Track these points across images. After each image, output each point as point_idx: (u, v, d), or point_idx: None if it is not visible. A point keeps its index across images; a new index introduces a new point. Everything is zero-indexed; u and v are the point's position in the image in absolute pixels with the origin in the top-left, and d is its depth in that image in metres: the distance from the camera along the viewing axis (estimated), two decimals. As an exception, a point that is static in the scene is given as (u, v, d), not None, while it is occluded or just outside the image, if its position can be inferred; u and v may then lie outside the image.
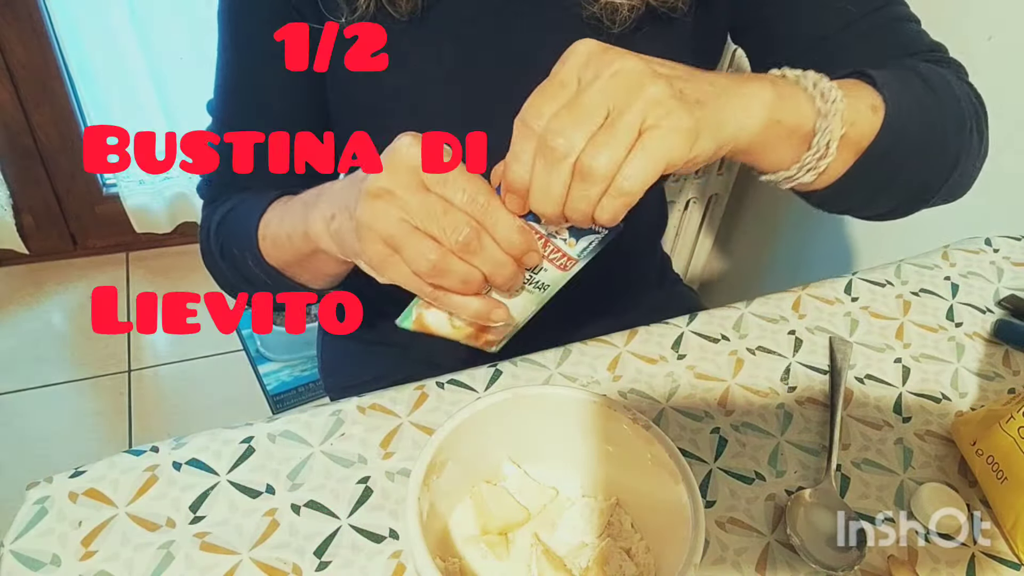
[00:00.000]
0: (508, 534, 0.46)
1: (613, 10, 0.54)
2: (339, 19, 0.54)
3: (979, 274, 0.72)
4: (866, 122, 0.45)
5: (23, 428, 1.44)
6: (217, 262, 0.61)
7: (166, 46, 1.55)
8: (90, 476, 0.48)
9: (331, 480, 0.49)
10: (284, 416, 0.53)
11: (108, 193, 1.77)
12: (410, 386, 0.56)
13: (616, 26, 0.54)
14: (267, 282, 0.56)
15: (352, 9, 0.53)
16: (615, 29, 0.55)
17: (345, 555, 0.45)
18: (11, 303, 1.69)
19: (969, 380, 0.61)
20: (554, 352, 0.60)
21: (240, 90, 0.61)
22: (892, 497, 0.51)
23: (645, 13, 0.55)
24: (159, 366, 1.60)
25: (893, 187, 0.51)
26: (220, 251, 0.60)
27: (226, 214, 0.60)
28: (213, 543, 0.45)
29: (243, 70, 0.60)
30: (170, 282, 1.79)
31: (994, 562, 0.48)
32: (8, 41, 1.49)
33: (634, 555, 0.45)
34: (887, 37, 0.56)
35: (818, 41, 0.56)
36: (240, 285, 0.61)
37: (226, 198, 0.62)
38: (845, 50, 0.56)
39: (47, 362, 1.57)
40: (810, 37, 0.57)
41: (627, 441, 0.44)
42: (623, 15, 0.54)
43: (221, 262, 0.60)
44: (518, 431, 0.46)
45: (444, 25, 0.56)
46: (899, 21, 0.57)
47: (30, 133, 1.62)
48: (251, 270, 0.56)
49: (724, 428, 0.55)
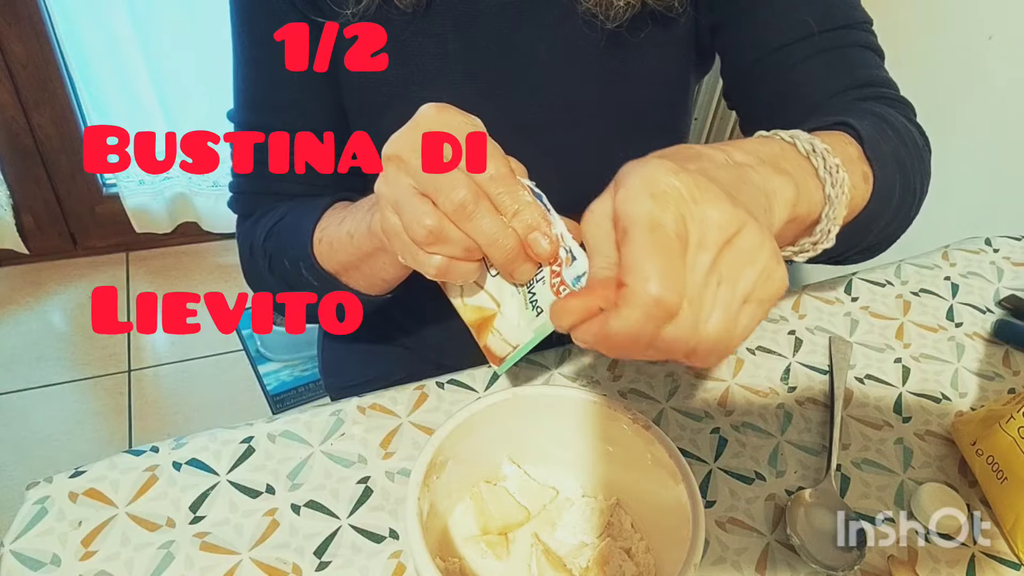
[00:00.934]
0: (508, 534, 0.46)
1: (607, 5, 0.54)
2: (344, 11, 0.54)
3: (979, 274, 0.72)
4: (859, 194, 0.44)
5: (23, 428, 1.44)
6: (263, 277, 0.59)
7: (166, 46, 1.55)
8: (90, 476, 0.48)
9: (331, 480, 0.49)
10: (284, 416, 0.53)
11: (108, 193, 1.78)
12: (410, 386, 0.56)
13: (611, 21, 0.55)
14: (316, 289, 0.54)
15: (356, 0, 0.54)
16: (609, 25, 0.55)
17: (345, 555, 0.45)
18: (11, 303, 1.69)
19: (969, 380, 0.61)
20: (554, 352, 0.60)
21: (261, 93, 0.60)
22: (892, 497, 0.51)
23: (643, 13, 0.55)
24: (159, 366, 1.60)
25: (863, 243, 0.51)
26: (268, 264, 0.57)
27: (274, 226, 0.58)
28: (213, 543, 0.45)
29: (261, 74, 0.59)
30: (170, 282, 1.80)
31: (994, 562, 0.48)
32: (8, 41, 1.49)
33: (634, 555, 0.45)
34: (844, 59, 0.56)
35: (776, 50, 0.57)
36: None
37: (266, 209, 0.60)
38: (801, 63, 0.56)
39: (47, 362, 1.57)
40: (769, 44, 0.57)
41: (627, 441, 0.44)
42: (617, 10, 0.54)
43: (269, 276, 0.58)
44: (518, 431, 0.46)
45: (447, 19, 0.57)
46: (860, 48, 0.57)
47: (30, 133, 1.62)
48: (302, 278, 0.54)
49: (724, 428, 0.55)
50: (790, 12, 0.56)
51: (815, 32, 0.55)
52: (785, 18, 0.56)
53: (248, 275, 0.62)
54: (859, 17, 0.57)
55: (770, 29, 0.57)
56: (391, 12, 0.55)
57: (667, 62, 0.61)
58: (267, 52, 0.57)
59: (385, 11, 0.55)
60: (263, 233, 0.58)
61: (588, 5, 0.55)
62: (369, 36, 0.56)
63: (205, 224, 1.84)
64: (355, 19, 0.55)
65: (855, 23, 0.56)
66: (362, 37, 0.56)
